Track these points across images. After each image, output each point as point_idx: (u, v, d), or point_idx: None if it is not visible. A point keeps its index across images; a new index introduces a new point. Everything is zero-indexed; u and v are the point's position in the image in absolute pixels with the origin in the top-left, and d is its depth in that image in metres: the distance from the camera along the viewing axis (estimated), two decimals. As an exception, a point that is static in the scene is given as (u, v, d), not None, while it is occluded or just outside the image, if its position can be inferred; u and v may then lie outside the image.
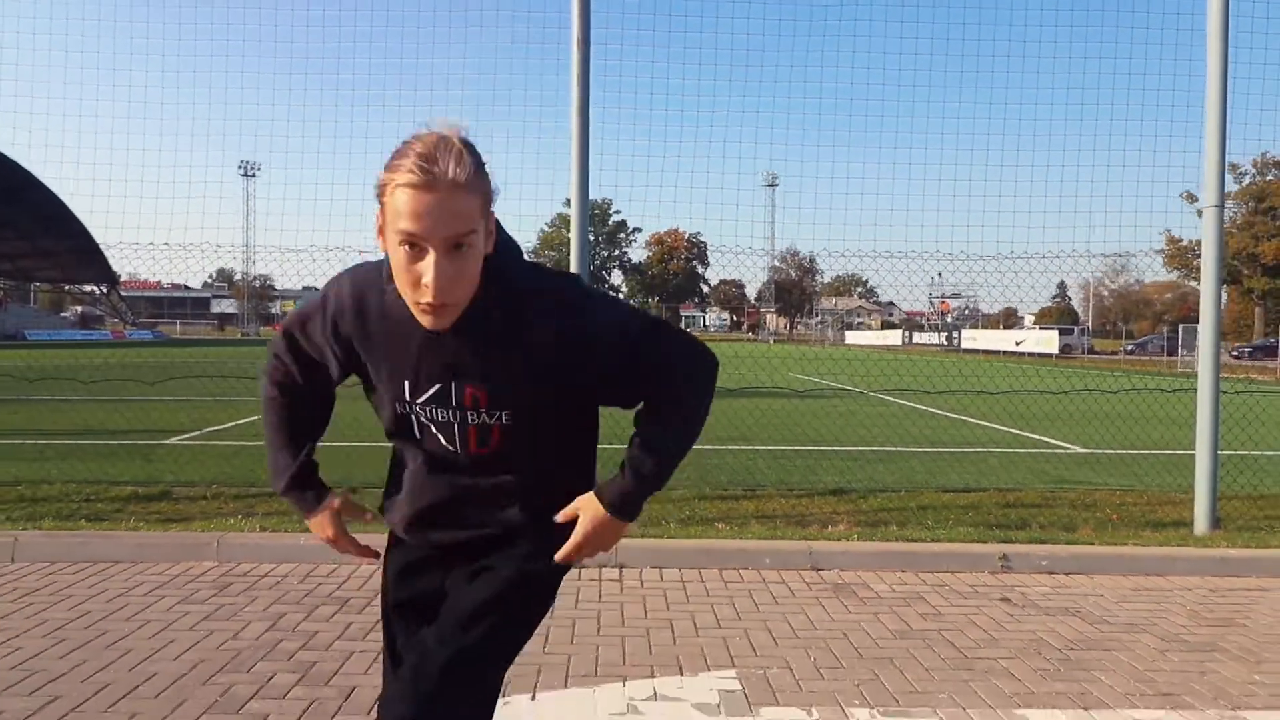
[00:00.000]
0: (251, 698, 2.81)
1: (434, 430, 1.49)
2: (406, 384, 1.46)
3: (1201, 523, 5.27)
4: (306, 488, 1.62)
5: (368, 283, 1.45)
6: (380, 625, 1.71)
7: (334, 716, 2.70)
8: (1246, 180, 62.08)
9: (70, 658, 3.12)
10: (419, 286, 1.28)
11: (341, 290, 1.47)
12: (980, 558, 4.52)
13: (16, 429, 9.38)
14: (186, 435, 9.36)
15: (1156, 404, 12.44)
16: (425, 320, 1.33)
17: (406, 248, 1.26)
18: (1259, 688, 3.08)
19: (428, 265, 1.26)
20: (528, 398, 1.45)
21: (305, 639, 3.35)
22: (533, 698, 2.87)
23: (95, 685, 2.89)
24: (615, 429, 2.09)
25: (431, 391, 1.45)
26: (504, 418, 1.46)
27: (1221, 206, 5.30)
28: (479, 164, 1.29)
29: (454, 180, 1.23)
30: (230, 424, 10.49)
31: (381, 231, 1.32)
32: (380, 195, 1.29)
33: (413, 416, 1.49)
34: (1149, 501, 6.21)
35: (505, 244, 1.43)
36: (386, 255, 1.35)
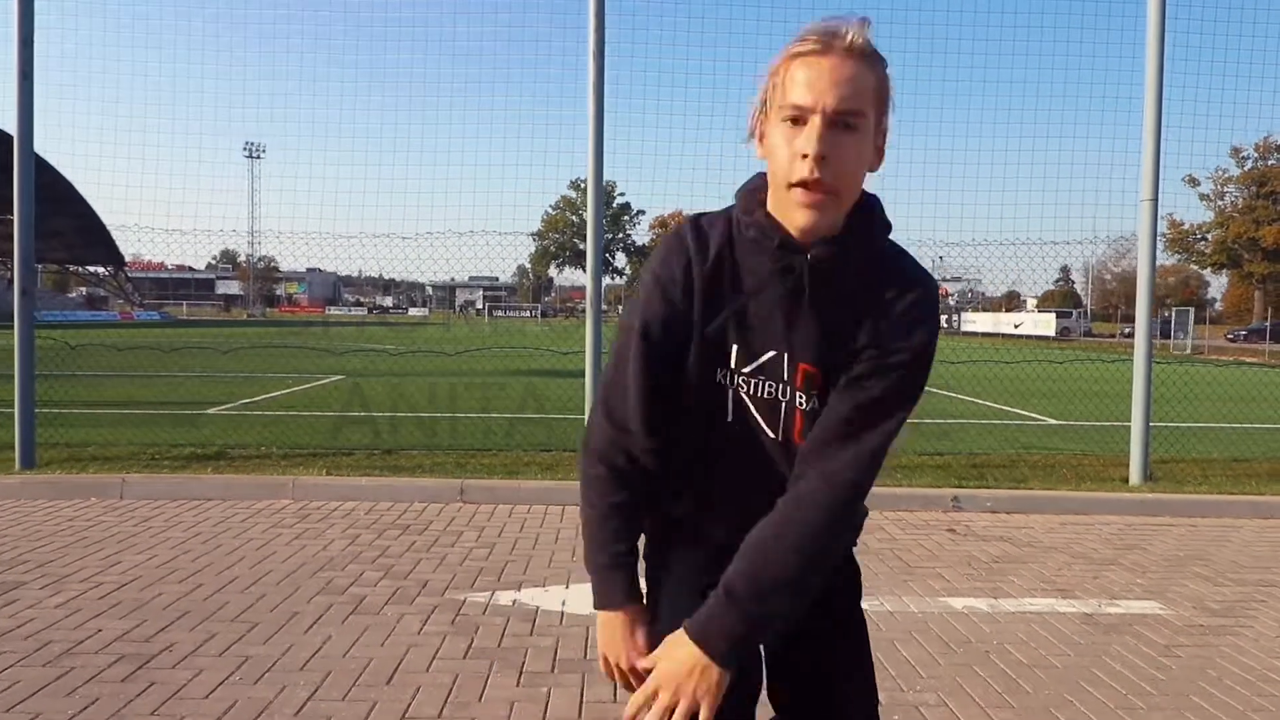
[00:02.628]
0: (349, 585, 3.65)
1: (753, 411, 1.27)
2: (735, 348, 1.25)
3: (1135, 475, 6.07)
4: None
5: (711, 225, 1.27)
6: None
7: (415, 598, 3.52)
8: (1249, 164, 62.40)
9: (199, 561, 3.96)
10: (796, 162, 1.13)
11: (688, 239, 1.26)
12: (936, 499, 5.34)
13: (63, 400, 10.12)
14: (224, 406, 10.13)
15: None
16: (800, 215, 1.16)
17: (790, 124, 1.14)
18: (1137, 588, 3.90)
19: (810, 134, 1.12)
20: (831, 379, 1.24)
21: (381, 550, 4.18)
22: (566, 586, 3.70)
23: (226, 578, 3.72)
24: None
25: (763, 360, 1.25)
26: (818, 402, 1.25)
27: (1155, 200, 6.06)
28: (879, 54, 1.17)
29: (850, 47, 1.12)
30: (262, 396, 11.28)
31: (762, 139, 1.21)
32: (765, 97, 1.20)
33: (730, 390, 1.27)
34: (1103, 463, 6.95)
35: (884, 216, 1.27)
36: (734, 201, 1.29)
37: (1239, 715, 2.63)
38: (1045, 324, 44.51)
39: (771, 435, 1.27)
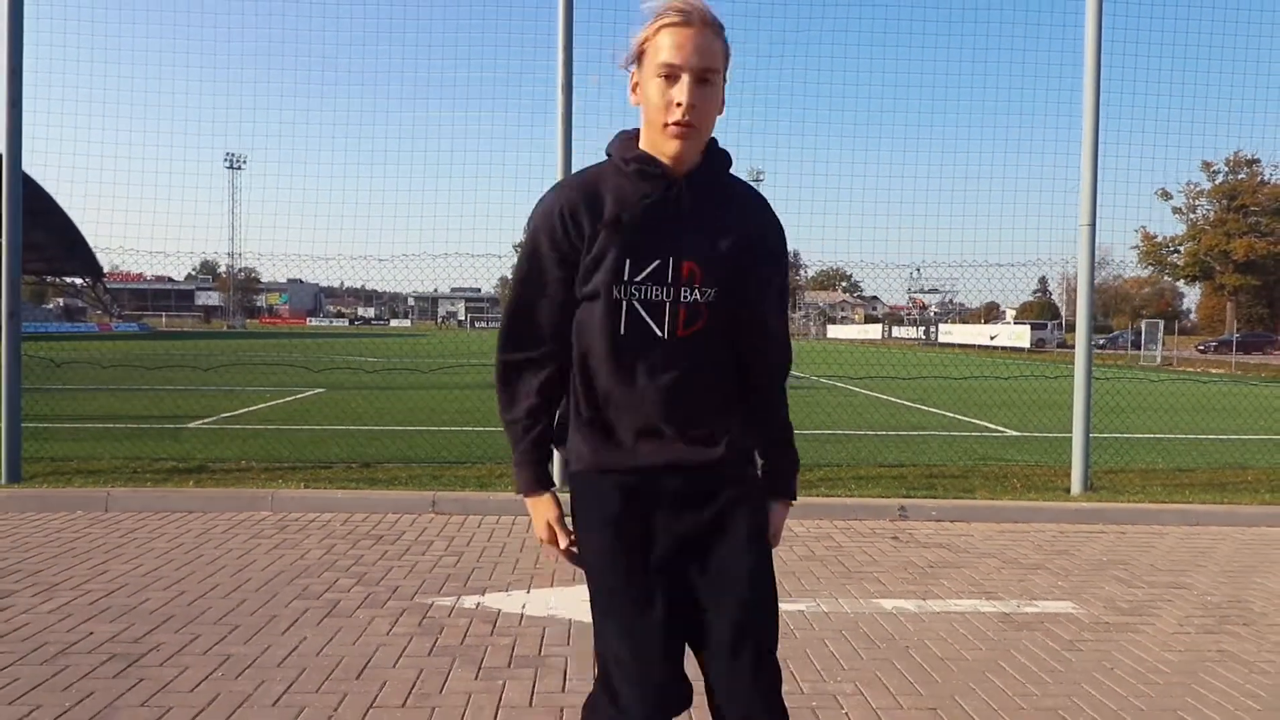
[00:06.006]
0: (324, 591, 3.91)
1: (642, 314, 1.56)
2: (627, 261, 1.54)
3: (1076, 486, 6.42)
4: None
5: (595, 177, 1.60)
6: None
7: (386, 602, 3.79)
8: (1219, 178, 63.74)
9: (181, 570, 4.20)
10: (671, 109, 1.50)
11: (572, 191, 1.58)
12: (883, 509, 5.65)
13: (46, 415, 10.25)
14: (205, 420, 10.30)
15: (1101, 393, 13.63)
16: (672, 145, 1.53)
17: (664, 79, 1.50)
18: (1058, 590, 4.23)
19: (681, 88, 1.49)
20: (730, 279, 1.59)
21: (355, 559, 4.44)
22: (528, 591, 3.97)
23: (208, 585, 3.97)
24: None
25: (650, 268, 1.55)
26: (712, 295, 1.58)
27: (1093, 225, 6.43)
28: (721, 23, 1.56)
29: (704, 20, 1.51)
30: (242, 410, 11.45)
31: (636, 89, 1.58)
32: (639, 51, 1.55)
33: (624, 302, 1.56)
34: (1053, 474, 7.29)
35: (725, 152, 1.67)
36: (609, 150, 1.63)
37: (1123, 700, 2.95)
38: (1020, 336, 45.25)
39: (659, 333, 1.57)
